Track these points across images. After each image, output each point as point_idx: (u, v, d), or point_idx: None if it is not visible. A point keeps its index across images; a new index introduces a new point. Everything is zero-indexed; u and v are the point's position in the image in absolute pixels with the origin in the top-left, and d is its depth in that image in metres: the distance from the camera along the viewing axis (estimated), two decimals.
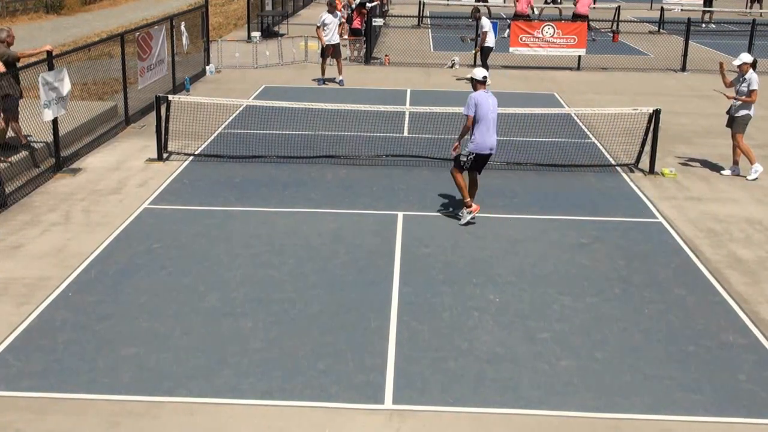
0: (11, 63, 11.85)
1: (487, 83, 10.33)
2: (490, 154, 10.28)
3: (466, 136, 10.31)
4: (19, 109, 12.05)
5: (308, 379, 6.76)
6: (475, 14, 20.04)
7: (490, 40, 19.59)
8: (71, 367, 6.87)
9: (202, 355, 7.08)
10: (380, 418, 6.29)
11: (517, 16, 26.58)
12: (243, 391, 6.57)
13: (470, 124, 10.06)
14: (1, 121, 11.96)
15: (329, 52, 19.34)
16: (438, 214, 10.68)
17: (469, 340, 7.44)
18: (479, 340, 7.46)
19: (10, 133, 12.15)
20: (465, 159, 10.17)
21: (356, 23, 22.66)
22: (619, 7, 30.94)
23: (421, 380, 6.78)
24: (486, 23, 19.53)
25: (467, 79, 11.10)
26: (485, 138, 10.06)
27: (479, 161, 10.28)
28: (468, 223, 10.22)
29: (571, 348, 7.35)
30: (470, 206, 10.25)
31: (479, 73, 10.21)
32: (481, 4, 32.23)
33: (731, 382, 6.86)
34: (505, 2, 35.40)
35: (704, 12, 33.01)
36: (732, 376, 6.95)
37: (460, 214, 10.41)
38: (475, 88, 10.17)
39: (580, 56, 22.03)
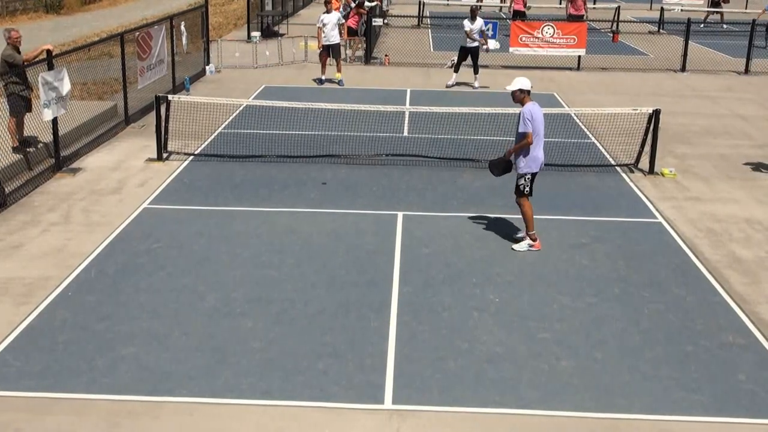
0: (13, 64, 11.88)
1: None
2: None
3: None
4: (22, 110, 12.09)
5: (308, 379, 6.77)
6: (474, 12, 19.56)
7: (491, 44, 19.29)
8: (71, 366, 6.87)
9: (202, 355, 7.08)
10: (380, 418, 6.29)
11: (515, 14, 26.61)
12: (243, 391, 6.57)
13: (531, 141, 9.13)
14: (12, 122, 12.03)
15: (329, 52, 19.33)
16: (438, 214, 10.68)
17: (469, 340, 7.44)
18: (479, 340, 7.46)
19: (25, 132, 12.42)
20: (524, 182, 9.36)
21: (351, 22, 22.62)
22: (619, 7, 30.93)
23: (421, 380, 6.78)
24: (482, 23, 19.13)
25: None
26: (539, 154, 9.28)
27: (534, 180, 9.47)
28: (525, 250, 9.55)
29: (570, 348, 7.36)
30: (535, 240, 9.47)
31: (525, 83, 9.21)
32: (481, 3, 32.20)
33: (731, 382, 6.87)
34: (502, 1, 35.36)
35: (709, 12, 32.98)
36: (731, 376, 6.96)
37: (519, 244, 9.55)
38: (522, 102, 9.22)
39: (579, 56, 22.03)
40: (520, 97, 9.27)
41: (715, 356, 7.29)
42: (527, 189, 9.41)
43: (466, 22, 18.90)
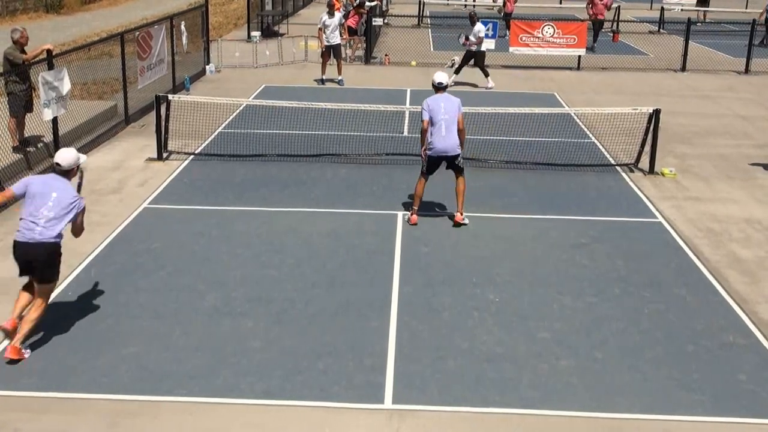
0: (14, 62, 11.89)
1: (446, 88, 10.30)
2: (453, 157, 10.10)
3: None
4: (21, 110, 12.09)
5: (308, 378, 6.76)
6: (473, 18, 19.48)
7: (484, 45, 19.24)
8: (70, 366, 6.86)
9: (202, 355, 7.08)
10: (380, 417, 6.29)
11: (507, 16, 26.56)
12: (242, 391, 6.57)
13: (426, 128, 10.07)
14: (11, 122, 12.03)
15: (331, 53, 19.36)
16: (438, 213, 10.67)
17: (469, 340, 7.44)
18: (479, 339, 7.46)
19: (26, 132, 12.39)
20: (422, 162, 10.28)
21: (350, 22, 22.62)
22: (619, 7, 30.92)
23: (421, 380, 6.78)
24: (482, 28, 19.09)
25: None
26: (436, 141, 10.01)
27: (435, 165, 10.22)
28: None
29: (570, 348, 7.35)
30: (412, 215, 10.26)
31: (436, 78, 10.24)
32: (475, 3, 32.16)
33: (731, 382, 6.86)
34: (494, 1, 35.35)
35: (701, 12, 32.97)
36: (732, 376, 6.95)
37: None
38: (436, 92, 10.23)
39: (580, 56, 22.03)
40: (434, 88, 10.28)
41: (715, 356, 7.29)
42: (424, 167, 10.31)
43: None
